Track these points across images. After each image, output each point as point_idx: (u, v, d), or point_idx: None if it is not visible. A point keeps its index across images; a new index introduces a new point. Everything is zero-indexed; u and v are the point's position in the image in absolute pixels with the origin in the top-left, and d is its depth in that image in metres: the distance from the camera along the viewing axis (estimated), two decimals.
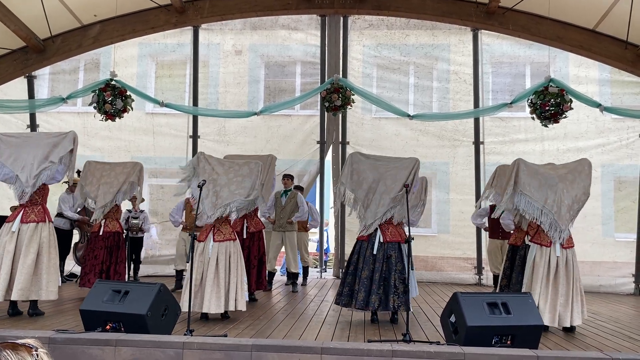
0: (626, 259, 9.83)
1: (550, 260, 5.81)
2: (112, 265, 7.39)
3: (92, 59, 11.06)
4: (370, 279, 6.02)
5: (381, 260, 6.07)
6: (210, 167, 6.25)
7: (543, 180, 5.95)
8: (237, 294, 6.03)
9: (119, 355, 4.36)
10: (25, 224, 5.98)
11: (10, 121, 10.88)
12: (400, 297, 5.95)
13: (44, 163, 6.11)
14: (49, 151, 6.20)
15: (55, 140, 6.33)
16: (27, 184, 6.03)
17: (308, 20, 10.67)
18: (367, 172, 6.39)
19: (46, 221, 6.09)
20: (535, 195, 5.86)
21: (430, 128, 10.56)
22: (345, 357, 4.27)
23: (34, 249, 5.90)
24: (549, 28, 8.43)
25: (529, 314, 4.74)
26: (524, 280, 5.98)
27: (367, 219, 6.22)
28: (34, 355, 1.32)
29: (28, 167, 6.07)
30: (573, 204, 5.92)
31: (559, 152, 9.96)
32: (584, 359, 4.31)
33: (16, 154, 6.15)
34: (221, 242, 6.08)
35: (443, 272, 10.40)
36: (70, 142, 6.29)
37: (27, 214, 6.04)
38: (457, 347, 4.43)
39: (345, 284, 6.22)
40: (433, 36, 10.70)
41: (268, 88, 11.25)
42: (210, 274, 5.92)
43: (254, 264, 7.60)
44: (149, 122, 10.89)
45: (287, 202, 8.82)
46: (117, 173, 7.51)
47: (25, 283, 5.78)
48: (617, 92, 10.22)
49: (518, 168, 5.98)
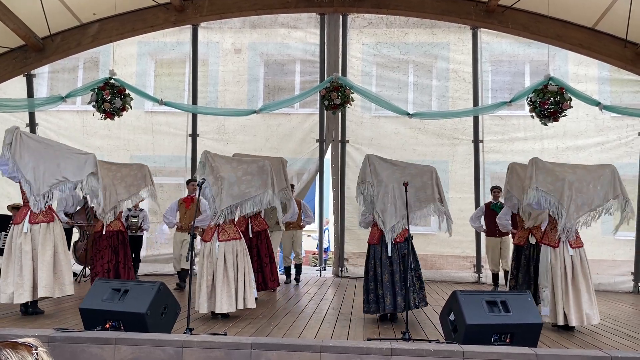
0: (625, 257, 9.84)
1: (565, 260, 5.82)
2: (119, 264, 7.42)
3: (91, 57, 11.04)
4: (392, 282, 6.05)
5: (397, 261, 6.10)
6: (216, 165, 6.25)
7: (559, 176, 5.97)
8: (246, 292, 6.06)
9: (118, 353, 4.37)
10: (36, 225, 6.00)
11: (10, 120, 10.85)
12: (418, 293, 6.06)
13: (56, 176, 6.09)
14: (64, 167, 6.17)
15: (74, 157, 6.31)
16: (38, 192, 6.00)
17: (307, 18, 10.66)
18: (384, 175, 6.39)
19: (55, 220, 6.17)
20: (552, 191, 5.87)
21: (430, 126, 10.56)
22: (345, 356, 4.28)
23: (50, 247, 5.98)
24: (549, 26, 8.42)
25: (528, 312, 4.75)
26: (543, 282, 5.96)
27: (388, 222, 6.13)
28: (33, 354, 1.32)
29: (41, 175, 6.04)
30: (583, 206, 5.90)
31: (558, 151, 9.97)
32: (583, 357, 4.31)
33: (34, 163, 6.07)
34: (227, 242, 6.10)
35: (442, 270, 10.41)
36: (90, 165, 6.25)
37: (34, 215, 6.04)
38: (456, 345, 4.43)
39: (369, 291, 6.20)
40: (432, 34, 10.69)
41: (267, 86, 11.24)
42: (219, 274, 5.95)
43: (265, 262, 7.71)
44: (148, 120, 10.88)
45: None
46: (126, 176, 7.54)
47: (49, 280, 5.88)
48: (616, 91, 10.22)
49: (536, 167, 6.00)
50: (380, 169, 6.42)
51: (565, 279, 5.77)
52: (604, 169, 6.14)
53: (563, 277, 5.78)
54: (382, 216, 6.20)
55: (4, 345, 1.31)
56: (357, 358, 4.27)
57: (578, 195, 5.87)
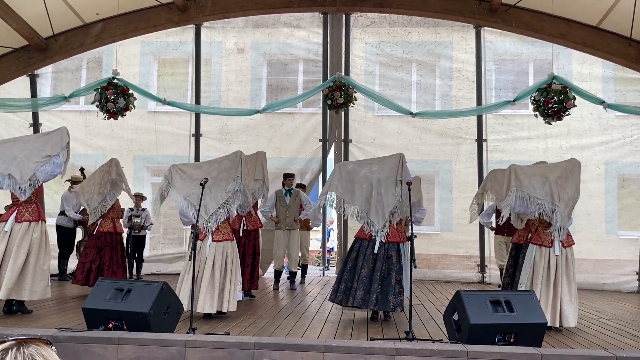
0: (630, 256, 9.80)
1: (550, 260, 5.82)
2: (104, 265, 7.37)
3: (95, 57, 11.07)
4: (370, 278, 6.01)
5: (382, 259, 6.06)
6: (186, 174, 6.22)
7: (543, 179, 5.98)
8: (230, 295, 6.01)
9: (121, 353, 4.36)
10: (19, 223, 5.92)
11: (13, 120, 10.90)
12: (397, 297, 5.98)
13: (37, 158, 5.98)
14: (42, 147, 6.08)
15: (46, 137, 6.27)
16: (22, 180, 5.90)
17: (310, 18, 10.65)
18: (355, 176, 6.35)
19: (39, 220, 6.02)
20: (541, 194, 5.85)
21: (433, 126, 10.54)
22: (348, 356, 4.26)
23: (24, 249, 5.86)
24: (552, 25, 8.39)
25: (532, 312, 4.72)
26: (523, 280, 5.96)
27: (375, 222, 6.09)
28: (53, 349, 1.34)
29: (20, 163, 5.94)
30: (569, 201, 5.93)
31: (562, 150, 9.93)
32: (588, 357, 4.28)
33: (2, 155, 5.99)
34: (219, 242, 6.07)
35: (446, 270, 10.39)
36: (66, 135, 6.18)
37: (21, 213, 5.98)
38: (460, 345, 4.41)
39: (342, 280, 6.19)
40: (436, 33, 10.67)
41: (270, 86, 11.23)
42: (206, 273, 5.92)
43: (247, 263, 7.53)
44: (151, 120, 10.89)
45: (291, 201, 8.81)
46: (101, 174, 7.54)
47: (13, 282, 5.74)
48: (620, 89, 10.18)
49: (516, 172, 5.98)
50: (350, 171, 6.40)
51: (547, 279, 5.78)
52: (573, 164, 6.19)
53: (545, 277, 5.79)
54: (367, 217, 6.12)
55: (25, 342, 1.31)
56: (361, 358, 4.25)
57: (563, 193, 5.89)
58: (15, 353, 1.29)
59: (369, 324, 5.94)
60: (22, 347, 1.31)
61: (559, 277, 5.78)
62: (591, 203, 9.76)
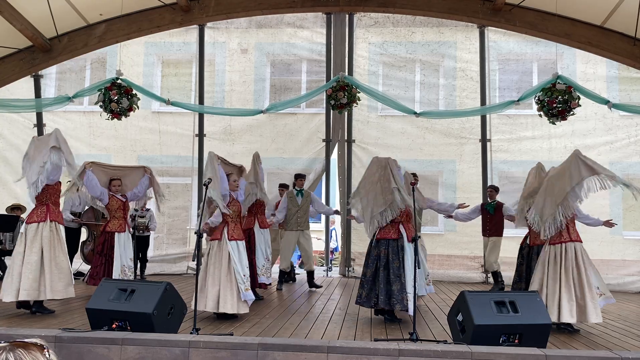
0: (634, 257, 9.76)
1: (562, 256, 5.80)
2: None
3: (99, 58, 11.09)
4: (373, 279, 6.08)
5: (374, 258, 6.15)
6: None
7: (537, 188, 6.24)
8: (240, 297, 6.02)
9: (125, 353, 4.36)
10: (29, 224, 6.09)
11: (18, 120, 10.94)
12: (395, 295, 5.94)
13: (40, 163, 6.15)
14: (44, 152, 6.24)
15: (45, 139, 6.39)
16: (28, 185, 6.17)
17: (313, 18, 10.65)
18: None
19: (46, 220, 6.10)
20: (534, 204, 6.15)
21: (437, 126, 10.52)
22: (352, 356, 4.25)
23: (36, 249, 5.97)
24: (557, 24, 8.36)
25: (537, 313, 4.70)
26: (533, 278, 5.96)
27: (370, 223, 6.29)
28: (45, 354, 1.33)
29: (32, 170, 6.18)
30: (557, 198, 5.88)
31: (566, 150, 9.86)
32: (593, 358, 4.26)
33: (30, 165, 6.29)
34: (237, 241, 6.14)
35: (450, 270, 10.36)
36: (54, 140, 6.21)
37: (31, 215, 6.16)
38: (464, 346, 4.40)
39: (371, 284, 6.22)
40: (439, 33, 10.65)
41: (274, 86, 11.24)
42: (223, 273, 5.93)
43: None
44: (155, 120, 10.91)
45: (303, 201, 8.82)
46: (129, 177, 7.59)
47: (30, 283, 5.84)
48: (625, 89, 10.14)
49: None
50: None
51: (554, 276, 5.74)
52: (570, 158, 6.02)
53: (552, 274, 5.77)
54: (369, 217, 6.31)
55: (16, 345, 1.31)
56: (364, 358, 4.24)
57: (549, 192, 5.93)
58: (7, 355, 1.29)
59: (373, 325, 5.92)
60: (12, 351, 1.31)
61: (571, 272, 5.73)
62: (594, 203, 9.70)
